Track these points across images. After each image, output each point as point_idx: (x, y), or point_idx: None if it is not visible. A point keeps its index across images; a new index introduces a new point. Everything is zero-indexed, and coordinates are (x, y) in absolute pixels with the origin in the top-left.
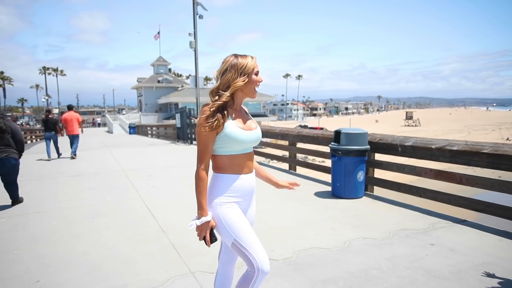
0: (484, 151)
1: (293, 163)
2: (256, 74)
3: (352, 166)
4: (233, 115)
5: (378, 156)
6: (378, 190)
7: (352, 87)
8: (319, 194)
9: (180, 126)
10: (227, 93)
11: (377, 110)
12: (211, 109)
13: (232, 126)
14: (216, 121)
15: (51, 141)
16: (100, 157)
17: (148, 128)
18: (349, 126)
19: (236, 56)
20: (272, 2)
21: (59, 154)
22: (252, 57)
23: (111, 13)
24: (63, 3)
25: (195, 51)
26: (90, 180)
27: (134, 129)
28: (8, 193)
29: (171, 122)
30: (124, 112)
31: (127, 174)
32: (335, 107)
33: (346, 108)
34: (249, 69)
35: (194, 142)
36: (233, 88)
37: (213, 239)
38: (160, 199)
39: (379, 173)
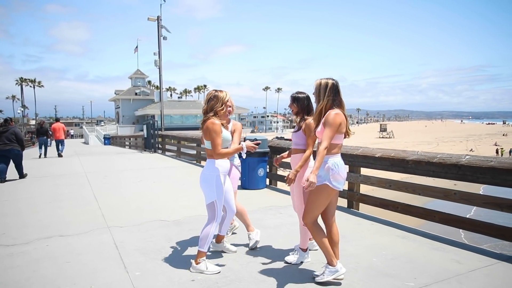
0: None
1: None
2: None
3: (254, 164)
4: None
5: None
6: (280, 184)
7: None
8: None
9: (146, 136)
10: None
11: (357, 122)
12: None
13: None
14: None
15: (43, 144)
16: (69, 163)
17: (125, 138)
18: None
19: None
20: (255, 16)
21: (45, 154)
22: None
23: (92, 24)
24: (41, 13)
25: (159, 68)
26: (55, 179)
27: (109, 140)
28: (17, 171)
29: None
30: (102, 123)
31: (88, 175)
32: None
33: None
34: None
35: (159, 151)
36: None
37: None
38: (106, 191)
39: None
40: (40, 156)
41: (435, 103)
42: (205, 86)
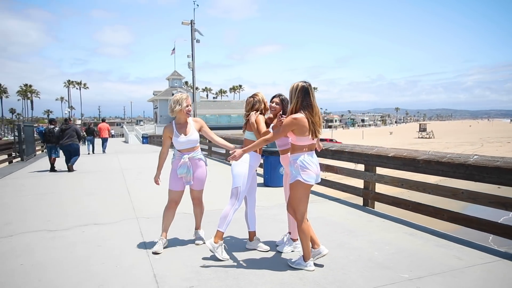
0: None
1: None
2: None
3: (276, 163)
4: None
5: None
6: None
7: (371, 99)
8: None
9: None
10: None
11: (395, 122)
12: None
13: None
14: None
15: (90, 142)
16: (107, 160)
17: (161, 137)
18: (361, 138)
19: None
20: (291, 15)
21: (93, 151)
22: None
23: (133, 27)
24: (88, 19)
25: (193, 70)
26: (93, 174)
27: (147, 139)
28: (71, 162)
29: None
30: (142, 123)
31: (123, 171)
32: (351, 119)
33: (363, 120)
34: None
35: None
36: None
37: None
38: (138, 186)
39: None
40: (89, 153)
41: (481, 102)
42: (240, 86)
